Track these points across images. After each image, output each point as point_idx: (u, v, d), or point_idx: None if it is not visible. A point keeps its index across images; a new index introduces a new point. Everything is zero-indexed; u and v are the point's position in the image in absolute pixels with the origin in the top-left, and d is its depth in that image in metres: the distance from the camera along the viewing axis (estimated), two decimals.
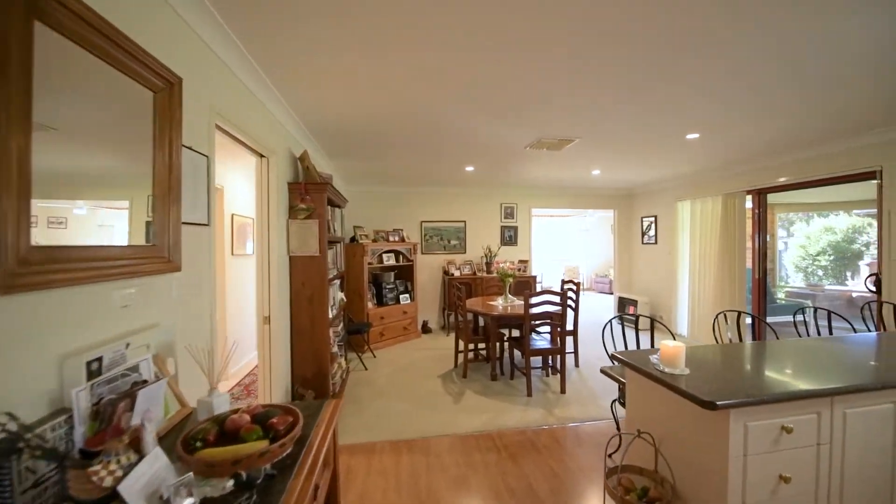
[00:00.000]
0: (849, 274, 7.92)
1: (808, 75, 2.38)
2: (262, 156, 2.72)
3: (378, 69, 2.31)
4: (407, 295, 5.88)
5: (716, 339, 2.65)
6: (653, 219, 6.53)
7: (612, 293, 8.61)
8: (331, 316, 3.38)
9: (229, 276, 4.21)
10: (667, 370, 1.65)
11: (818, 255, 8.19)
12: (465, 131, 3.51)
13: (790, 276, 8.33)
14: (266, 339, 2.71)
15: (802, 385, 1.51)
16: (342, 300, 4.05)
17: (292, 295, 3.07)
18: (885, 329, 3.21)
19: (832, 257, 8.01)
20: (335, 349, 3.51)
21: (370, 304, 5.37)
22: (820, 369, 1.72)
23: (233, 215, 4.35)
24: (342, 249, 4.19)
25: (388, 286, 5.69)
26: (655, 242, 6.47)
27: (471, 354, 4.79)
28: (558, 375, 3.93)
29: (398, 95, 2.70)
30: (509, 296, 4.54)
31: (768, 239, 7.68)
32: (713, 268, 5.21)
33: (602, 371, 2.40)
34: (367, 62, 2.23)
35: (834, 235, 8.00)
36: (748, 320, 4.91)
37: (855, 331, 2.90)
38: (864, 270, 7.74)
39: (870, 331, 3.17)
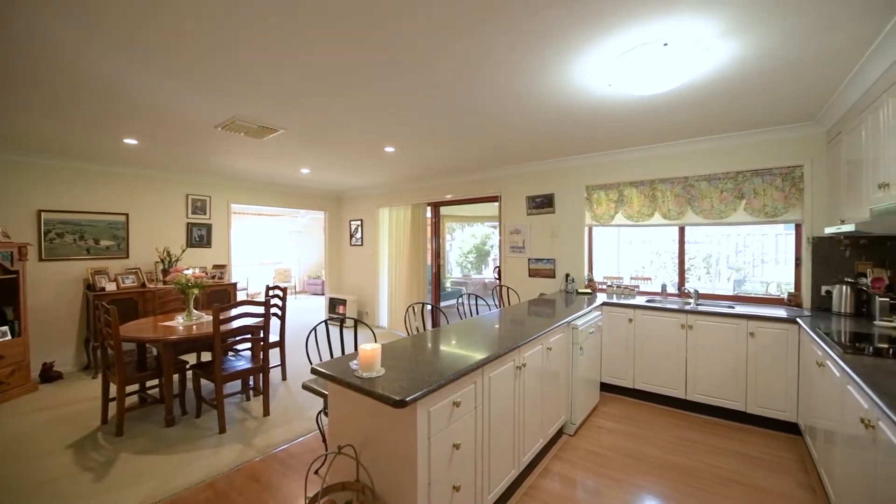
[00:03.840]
0: (483, 266, 11.44)
1: (453, 128, 3.05)
2: None
3: None
4: (5, 328, 3.67)
5: (406, 329, 3.00)
6: (359, 222, 6.99)
7: (324, 294, 8.66)
8: None
9: None
10: (365, 374, 1.60)
11: (468, 253, 11.37)
12: (112, 82, 2.45)
13: (453, 269, 11.15)
14: None
15: (466, 362, 1.81)
16: None
17: None
18: (503, 303, 4.63)
19: (475, 255, 11.35)
20: None
21: None
22: (476, 345, 2.15)
23: None
24: None
25: None
26: (362, 244, 6.97)
27: (135, 398, 3.50)
28: (262, 397, 3.43)
29: None
30: (195, 311, 3.61)
31: (440, 242, 9.80)
32: (405, 266, 6.09)
33: (304, 387, 2.18)
34: None
35: (476, 240, 11.33)
36: (429, 307, 6.04)
37: (489, 307, 4.01)
38: (491, 264, 11.40)
39: (498, 305, 4.50)
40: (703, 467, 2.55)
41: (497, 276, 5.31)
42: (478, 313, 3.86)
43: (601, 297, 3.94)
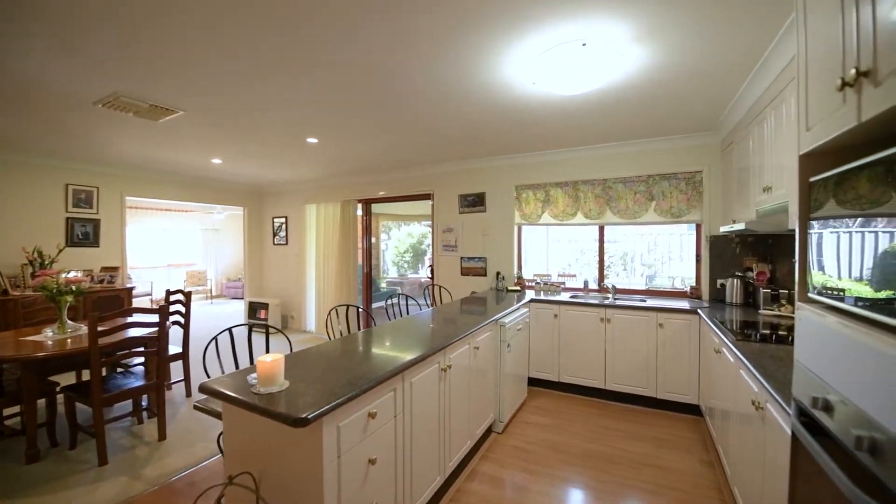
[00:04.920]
0: (420, 266, 11.34)
1: (380, 120, 2.89)
2: None
3: None
4: None
5: (328, 334, 2.78)
6: (284, 219, 6.50)
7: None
8: None
9: None
10: (263, 390, 1.40)
11: (404, 252, 11.18)
12: None
13: (389, 269, 10.91)
14: None
15: (386, 367, 1.67)
16: None
17: None
18: (435, 302, 4.55)
19: (411, 255, 11.19)
20: None
21: None
22: (399, 348, 2.02)
23: None
24: None
25: None
26: (286, 243, 6.48)
27: None
28: (157, 419, 2.97)
29: None
30: (70, 322, 3.03)
31: (374, 241, 9.50)
32: (334, 265, 5.76)
33: (196, 407, 1.89)
34: None
35: (412, 239, 11.19)
36: (358, 310, 5.78)
37: (420, 307, 3.90)
38: (427, 263, 11.33)
39: (431, 304, 4.41)
40: (618, 453, 2.68)
41: (430, 275, 5.23)
42: (408, 314, 3.74)
43: (530, 294, 4.03)
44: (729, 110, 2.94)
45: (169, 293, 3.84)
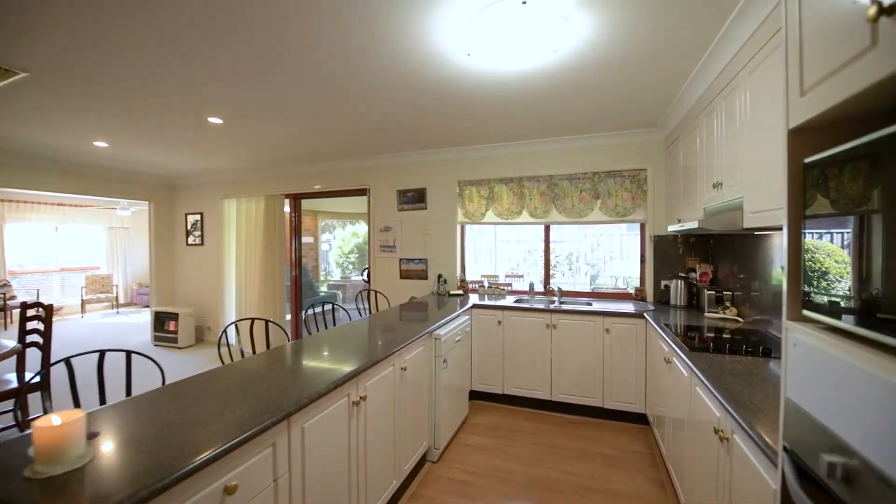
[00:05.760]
0: (366, 267, 10.71)
1: (294, 99, 2.41)
2: None
3: None
4: None
5: (221, 358, 2.23)
6: (199, 216, 5.68)
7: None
8: None
9: None
10: (42, 470, 0.90)
11: (349, 253, 10.51)
12: None
13: (333, 271, 10.20)
14: None
15: (264, 415, 1.22)
16: None
17: None
18: (371, 309, 4.10)
19: (357, 255, 10.55)
20: None
21: None
22: (298, 377, 1.57)
23: None
24: None
25: None
26: (202, 244, 5.67)
27: None
28: None
29: None
30: None
31: (311, 240, 8.77)
32: (257, 268, 5.09)
33: None
34: None
35: (358, 239, 10.55)
36: (287, 317, 5.17)
37: (349, 315, 3.43)
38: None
39: (365, 312, 3.94)
40: (564, 478, 2.41)
41: (366, 279, 4.76)
42: (335, 324, 3.26)
43: (473, 298, 3.71)
44: (675, 103, 2.79)
45: (25, 307, 3.04)
